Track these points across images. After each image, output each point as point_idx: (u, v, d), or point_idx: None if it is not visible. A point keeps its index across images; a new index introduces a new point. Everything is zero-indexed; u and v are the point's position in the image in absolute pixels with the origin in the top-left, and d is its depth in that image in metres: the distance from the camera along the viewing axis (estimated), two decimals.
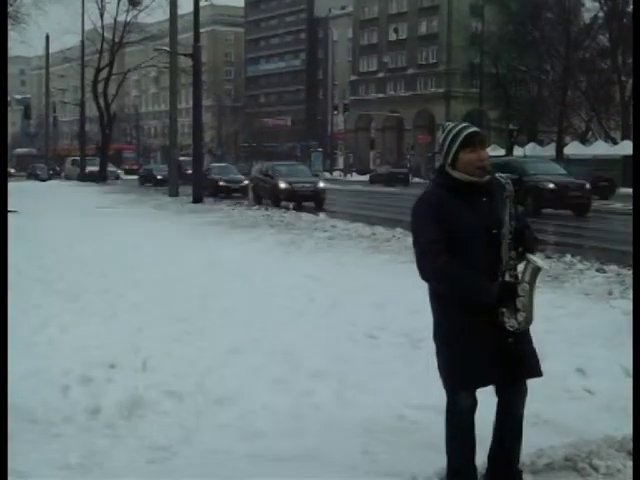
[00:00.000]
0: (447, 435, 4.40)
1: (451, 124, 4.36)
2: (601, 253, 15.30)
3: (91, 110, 67.09)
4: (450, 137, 4.25)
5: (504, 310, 4.14)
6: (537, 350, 4.37)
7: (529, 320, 4.18)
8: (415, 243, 4.29)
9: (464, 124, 4.32)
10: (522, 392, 4.34)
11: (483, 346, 4.16)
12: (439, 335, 4.32)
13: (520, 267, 4.26)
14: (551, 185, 26.75)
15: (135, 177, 63.58)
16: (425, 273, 4.22)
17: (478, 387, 4.29)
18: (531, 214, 23.08)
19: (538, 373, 4.32)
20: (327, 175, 75.05)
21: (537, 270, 4.16)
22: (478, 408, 4.34)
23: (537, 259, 4.18)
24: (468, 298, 4.14)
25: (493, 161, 5.90)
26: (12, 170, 72.02)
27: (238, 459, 5.04)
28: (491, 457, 4.44)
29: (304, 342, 7.60)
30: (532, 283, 4.17)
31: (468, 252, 4.15)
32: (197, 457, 5.10)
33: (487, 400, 4.37)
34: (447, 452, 4.41)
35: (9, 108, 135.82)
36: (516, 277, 4.18)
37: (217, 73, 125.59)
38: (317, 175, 41.16)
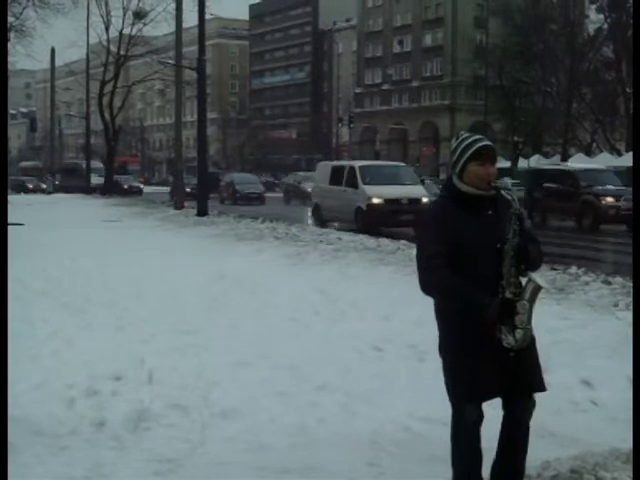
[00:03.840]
0: (453, 448, 4.39)
1: (465, 134, 4.34)
2: None
3: (96, 123, 67.11)
4: (462, 147, 4.25)
5: (502, 327, 4.13)
6: (542, 362, 4.36)
7: (526, 338, 4.17)
8: (417, 255, 4.29)
9: (478, 136, 4.30)
10: (529, 406, 4.33)
11: (486, 359, 4.15)
12: (444, 348, 4.32)
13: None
14: None
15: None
16: (425, 286, 4.23)
17: (482, 400, 4.28)
18: None
19: (541, 388, 4.31)
20: None
21: (538, 289, 4.16)
22: (484, 421, 4.33)
23: (538, 278, 4.18)
24: (469, 312, 4.14)
25: None
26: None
27: (244, 471, 5.05)
28: (495, 469, 4.42)
29: (309, 355, 7.60)
30: (532, 301, 4.16)
31: (470, 266, 4.15)
32: (203, 469, 5.10)
33: (492, 413, 4.37)
34: (453, 465, 4.40)
35: (15, 121, 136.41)
36: (517, 294, 4.16)
37: (222, 86, 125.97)
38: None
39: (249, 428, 5.78)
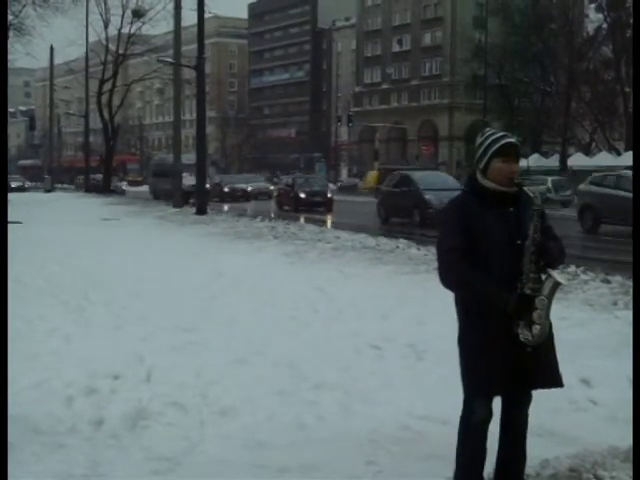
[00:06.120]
0: (459, 445, 4.38)
1: (490, 130, 4.38)
2: None
3: (95, 121, 67.08)
4: (486, 144, 4.27)
5: (520, 322, 4.15)
6: None
7: (543, 334, 4.18)
8: (438, 248, 4.32)
9: (503, 133, 4.33)
10: (526, 402, 4.36)
11: (503, 354, 4.16)
12: (462, 340, 4.33)
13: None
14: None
15: (139, 189, 63.13)
16: (444, 279, 4.26)
17: (496, 394, 4.29)
18: None
19: (558, 384, 4.33)
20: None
21: (556, 285, 4.18)
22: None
23: (557, 274, 4.20)
24: (486, 306, 4.16)
25: None
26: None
27: (242, 470, 5.04)
28: (498, 468, 4.44)
29: (308, 353, 7.60)
30: (550, 297, 4.18)
31: (490, 261, 4.17)
32: (201, 468, 5.09)
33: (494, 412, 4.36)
34: (456, 462, 4.40)
35: (14, 119, 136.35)
36: (535, 290, 4.17)
37: (221, 85, 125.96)
38: None
39: (248, 426, 5.77)
